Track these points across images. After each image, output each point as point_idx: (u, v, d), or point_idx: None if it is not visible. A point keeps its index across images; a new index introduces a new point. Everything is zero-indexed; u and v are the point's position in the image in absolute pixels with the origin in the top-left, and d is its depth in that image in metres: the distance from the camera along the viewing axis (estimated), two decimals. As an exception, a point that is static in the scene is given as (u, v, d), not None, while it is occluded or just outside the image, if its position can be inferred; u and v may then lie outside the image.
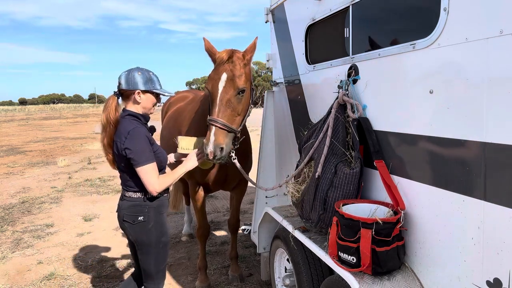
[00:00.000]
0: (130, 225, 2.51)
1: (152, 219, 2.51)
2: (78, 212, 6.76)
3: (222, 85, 2.75)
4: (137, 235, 2.53)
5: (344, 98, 2.44)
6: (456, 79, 1.74)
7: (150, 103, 2.56)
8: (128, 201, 2.52)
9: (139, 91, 2.48)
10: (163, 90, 2.59)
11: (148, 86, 2.50)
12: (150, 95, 2.54)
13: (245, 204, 6.68)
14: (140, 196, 2.50)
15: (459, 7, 1.71)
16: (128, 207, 2.51)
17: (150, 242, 2.53)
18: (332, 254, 2.17)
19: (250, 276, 4.17)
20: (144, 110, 2.57)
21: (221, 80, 2.75)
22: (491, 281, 1.65)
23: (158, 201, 2.56)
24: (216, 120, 2.69)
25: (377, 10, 2.39)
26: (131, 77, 2.48)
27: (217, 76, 2.78)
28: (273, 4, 3.69)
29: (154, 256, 2.58)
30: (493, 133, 1.57)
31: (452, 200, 1.79)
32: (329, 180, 2.35)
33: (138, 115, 2.53)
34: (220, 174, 3.64)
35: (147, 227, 2.50)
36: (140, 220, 2.48)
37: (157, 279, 2.67)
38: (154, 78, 2.56)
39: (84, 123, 31.46)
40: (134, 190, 2.50)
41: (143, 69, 2.56)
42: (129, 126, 2.43)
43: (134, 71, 2.50)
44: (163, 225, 2.60)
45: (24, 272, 4.48)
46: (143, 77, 2.49)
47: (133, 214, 2.49)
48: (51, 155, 13.81)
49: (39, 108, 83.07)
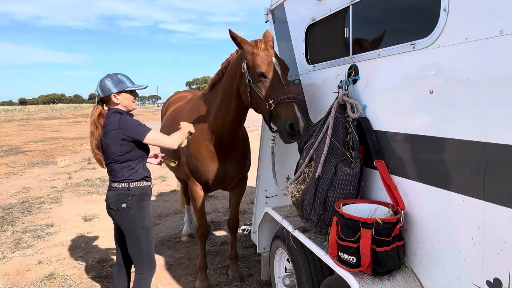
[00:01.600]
0: (115, 212, 2.85)
1: (133, 206, 2.82)
2: (78, 212, 6.76)
3: (279, 66, 2.87)
4: (121, 221, 2.87)
5: (344, 98, 2.44)
6: (456, 79, 1.74)
7: (127, 100, 2.88)
8: (114, 190, 2.84)
9: (114, 94, 2.81)
10: (135, 86, 2.91)
11: (119, 87, 2.82)
12: (125, 94, 2.85)
13: (245, 204, 6.68)
14: (124, 186, 2.82)
15: (459, 7, 1.71)
16: (114, 196, 2.84)
17: (133, 226, 2.85)
18: (332, 254, 2.17)
19: (250, 276, 4.17)
20: (125, 108, 2.89)
21: (276, 63, 2.87)
22: (491, 281, 1.64)
23: (140, 189, 2.87)
24: (292, 96, 2.74)
25: (377, 10, 2.39)
26: (103, 85, 2.83)
27: (271, 59, 2.88)
28: (273, 4, 3.69)
29: (138, 240, 2.86)
30: (493, 133, 1.57)
31: (452, 200, 1.79)
32: (329, 180, 2.35)
33: (123, 111, 2.87)
34: (219, 174, 3.64)
35: (129, 213, 2.82)
36: (124, 207, 2.81)
37: (143, 265, 2.90)
38: (123, 78, 2.87)
39: (84, 123, 31.44)
40: (120, 180, 2.82)
41: (111, 74, 2.89)
42: (116, 118, 2.78)
43: (104, 79, 2.85)
44: (144, 212, 2.90)
45: (24, 272, 4.48)
46: (113, 81, 2.83)
47: (117, 202, 2.82)
48: (51, 155, 13.82)
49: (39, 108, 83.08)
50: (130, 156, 2.80)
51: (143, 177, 2.88)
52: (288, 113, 2.67)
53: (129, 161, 2.81)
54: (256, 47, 2.92)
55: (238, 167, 3.77)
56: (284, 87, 2.78)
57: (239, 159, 3.75)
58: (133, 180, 2.82)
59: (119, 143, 2.74)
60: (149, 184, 2.96)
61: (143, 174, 2.89)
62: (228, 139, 3.49)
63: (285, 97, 2.72)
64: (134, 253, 2.91)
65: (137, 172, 2.84)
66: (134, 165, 2.84)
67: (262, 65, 2.84)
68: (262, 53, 2.89)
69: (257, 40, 3.00)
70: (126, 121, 2.77)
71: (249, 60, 2.91)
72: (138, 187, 2.85)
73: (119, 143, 2.74)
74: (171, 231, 5.70)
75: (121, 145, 2.75)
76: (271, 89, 2.81)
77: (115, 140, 2.74)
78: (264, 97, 2.81)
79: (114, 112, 2.82)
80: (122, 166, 2.80)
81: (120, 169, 2.80)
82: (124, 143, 2.75)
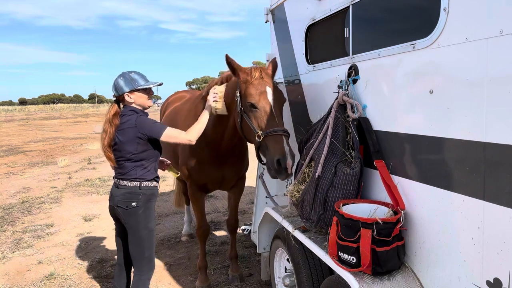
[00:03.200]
0: (124, 210, 2.81)
1: (142, 206, 2.82)
2: (78, 212, 6.76)
3: (272, 97, 2.77)
4: (128, 220, 2.84)
5: (344, 98, 2.44)
6: (456, 79, 1.74)
7: (141, 98, 2.86)
8: (123, 189, 2.81)
9: (127, 93, 2.80)
10: (148, 83, 2.87)
11: (132, 86, 2.80)
12: (138, 92, 2.83)
13: (245, 204, 6.68)
14: (136, 184, 2.80)
15: (459, 7, 1.71)
16: (123, 194, 2.81)
17: (138, 226, 2.83)
18: (332, 254, 2.17)
19: (250, 276, 4.17)
20: (140, 106, 2.88)
21: (269, 93, 2.77)
22: (491, 281, 1.64)
23: (150, 189, 2.87)
24: (282, 129, 2.64)
25: (377, 10, 2.39)
26: (116, 84, 2.83)
27: (264, 90, 2.77)
28: (273, 4, 3.69)
29: (141, 240, 2.86)
30: (493, 133, 1.57)
31: (452, 200, 1.79)
32: (329, 180, 2.35)
33: (138, 110, 2.86)
34: (218, 174, 3.64)
35: (138, 212, 2.81)
36: (133, 205, 2.79)
37: (144, 266, 2.91)
38: (135, 76, 2.84)
39: (84, 123, 31.44)
40: (131, 178, 2.80)
41: (125, 72, 2.86)
42: (133, 117, 2.78)
43: (117, 78, 2.84)
44: (151, 213, 2.90)
45: (24, 272, 4.48)
46: (125, 80, 2.81)
47: (127, 200, 2.79)
48: (51, 155, 13.81)
49: (39, 108, 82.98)
50: (145, 155, 2.80)
51: (154, 178, 2.89)
52: (276, 147, 2.58)
53: (143, 160, 2.81)
54: (250, 75, 2.83)
55: (236, 168, 3.77)
56: (274, 119, 2.69)
57: (237, 160, 3.74)
58: (145, 179, 2.82)
59: (135, 142, 2.74)
60: (157, 185, 2.96)
61: (154, 174, 2.90)
62: (225, 145, 3.44)
63: (274, 129, 2.63)
64: (135, 254, 2.91)
65: (149, 172, 2.85)
66: (147, 165, 2.84)
67: (254, 95, 2.75)
68: (255, 82, 2.80)
69: (252, 67, 2.90)
70: (143, 120, 2.78)
71: (242, 88, 2.83)
72: (148, 187, 2.85)
73: (135, 141, 2.74)
74: (171, 231, 5.70)
75: (137, 143, 2.75)
76: (261, 120, 2.71)
77: (131, 138, 2.73)
78: (254, 128, 2.74)
79: (130, 111, 2.82)
80: (136, 164, 2.79)
81: (133, 167, 2.79)
82: (141, 142, 2.75)
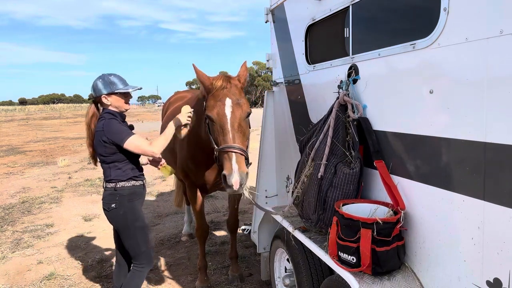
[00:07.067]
0: (106, 212, 2.87)
1: (123, 206, 2.81)
2: (78, 212, 6.76)
3: (229, 110, 2.64)
4: (113, 221, 2.89)
5: (345, 98, 2.44)
6: (456, 79, 1.73)
7: (118, 102, 2.84)
8: (106, 190, 2.85)
9: (104, 95, 2.78)
10: (126, 88, 2.84)
11: (110, 89, 2.79)
12: (115, 95, 2.81)
13: (245, 204, 6.68)
14: (112, 186, 2.81)
15: (459, 7, 1.71)
16: (105, 196, 2.85)
17: (125, 226, 2.86)
18: (332, 254, 2.17)
19: (250, 276, 4.17)
20: (117, 109, 2.87)
21: (227, 106, 2.64)
22: (491, 281, 1.64)
23: (128, 189, 2.83)
24: (233, 146, 2.56)
25: (377, 10, 2.39)
26: (95, 85, 2.81)
27: (221, 102, 2.65)
28: (273, 4, 3.69)
29: (132, 238, 2.88)
30: (493, 133, 1.57)
31: (452, 200, 1.79)
32: (329, 180, 2.35)
33: (114, 113, 2.84)
34: (216, 175, 3.64)
35: (119, 213, 2.82)
36: (113, 207, 2.81)
37: (142, 260, 2.95)
38: (114, 80, 2.82)
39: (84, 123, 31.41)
40: (108, 180, 2.82)
41: (105, 74, 2.84)
42: (104, 121, 2.77)
43: (97, 80, 2.82)
44: (135, 212, 2.88)
45: (24, 272, 4.48)
46: (104, 82, 2.79)
47: (107, 202, 2.83)
48: (51, 155, 13.81)
49: (39, 108, 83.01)
50: (116, 157, 2.79)
51: (130, 177, 2.83)
52: (225, 164, 2.55)
53: (116, 162, 2.80)
54: (212, 85, 2.73)
55: None
56: (228, 134, 2.58)
57: None
58: (120, 180, 2.80)
59: (102, 145, 2.75)
60: (140, 184, 2.91)
61: (131, 174, 2.84)
62: None
63: (226, 146, 2.57)
64: (131, 250, 2.94)
65: (124, 172, 2.81)
66: (122, 166, 2.81)
67: (210, 107, 2.68)
68: (215, 93, 2.69)
69: (217, 76, 2.80)
70: (110, 125, 2.74)
71: (205, 99, 2.79)
72: (125, 187, 2.82)
73: (103, 145, 2.75)
74: (171, 231, 5.70)
75: (105, 146, 2.75)
76: (217, 134, 2.67)
77: (99, 141, 2.76)
78: (212, 141, 2.73)
79: (106, 113, 2.81)
80: (109, 166, 2.80)
81: (107, 168, 2.82)
82: (107, 145, 2.74)
